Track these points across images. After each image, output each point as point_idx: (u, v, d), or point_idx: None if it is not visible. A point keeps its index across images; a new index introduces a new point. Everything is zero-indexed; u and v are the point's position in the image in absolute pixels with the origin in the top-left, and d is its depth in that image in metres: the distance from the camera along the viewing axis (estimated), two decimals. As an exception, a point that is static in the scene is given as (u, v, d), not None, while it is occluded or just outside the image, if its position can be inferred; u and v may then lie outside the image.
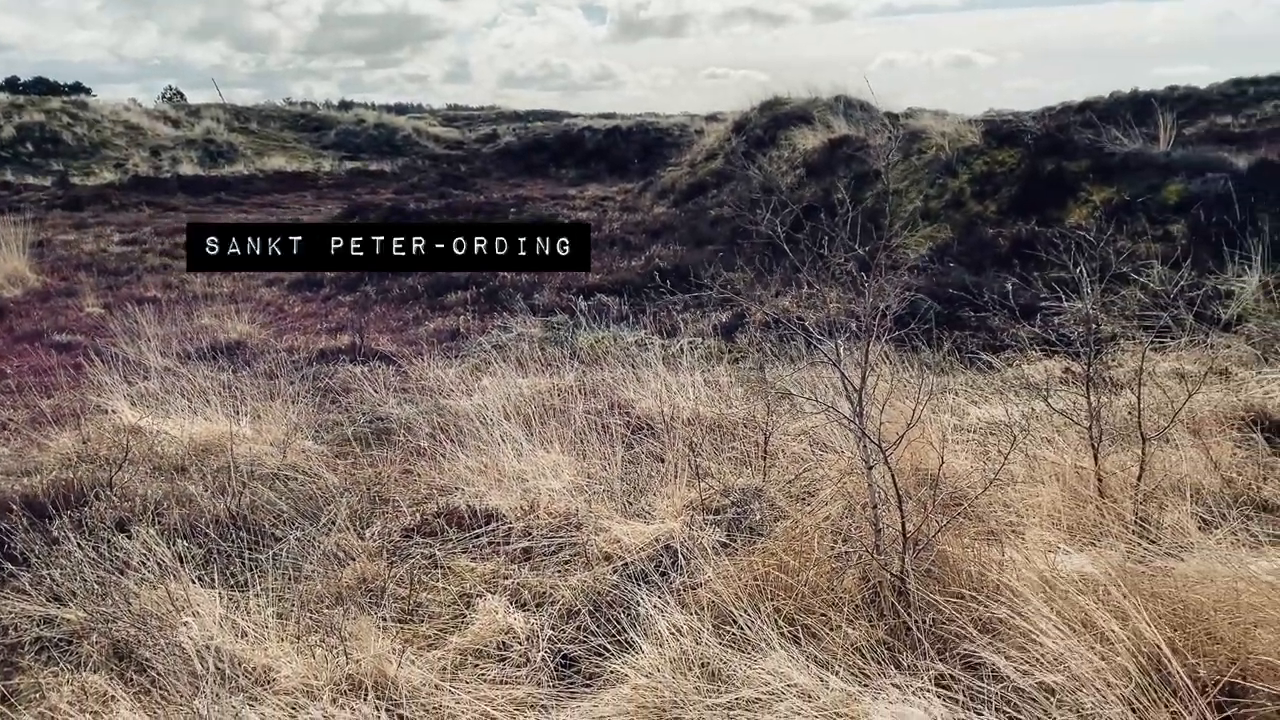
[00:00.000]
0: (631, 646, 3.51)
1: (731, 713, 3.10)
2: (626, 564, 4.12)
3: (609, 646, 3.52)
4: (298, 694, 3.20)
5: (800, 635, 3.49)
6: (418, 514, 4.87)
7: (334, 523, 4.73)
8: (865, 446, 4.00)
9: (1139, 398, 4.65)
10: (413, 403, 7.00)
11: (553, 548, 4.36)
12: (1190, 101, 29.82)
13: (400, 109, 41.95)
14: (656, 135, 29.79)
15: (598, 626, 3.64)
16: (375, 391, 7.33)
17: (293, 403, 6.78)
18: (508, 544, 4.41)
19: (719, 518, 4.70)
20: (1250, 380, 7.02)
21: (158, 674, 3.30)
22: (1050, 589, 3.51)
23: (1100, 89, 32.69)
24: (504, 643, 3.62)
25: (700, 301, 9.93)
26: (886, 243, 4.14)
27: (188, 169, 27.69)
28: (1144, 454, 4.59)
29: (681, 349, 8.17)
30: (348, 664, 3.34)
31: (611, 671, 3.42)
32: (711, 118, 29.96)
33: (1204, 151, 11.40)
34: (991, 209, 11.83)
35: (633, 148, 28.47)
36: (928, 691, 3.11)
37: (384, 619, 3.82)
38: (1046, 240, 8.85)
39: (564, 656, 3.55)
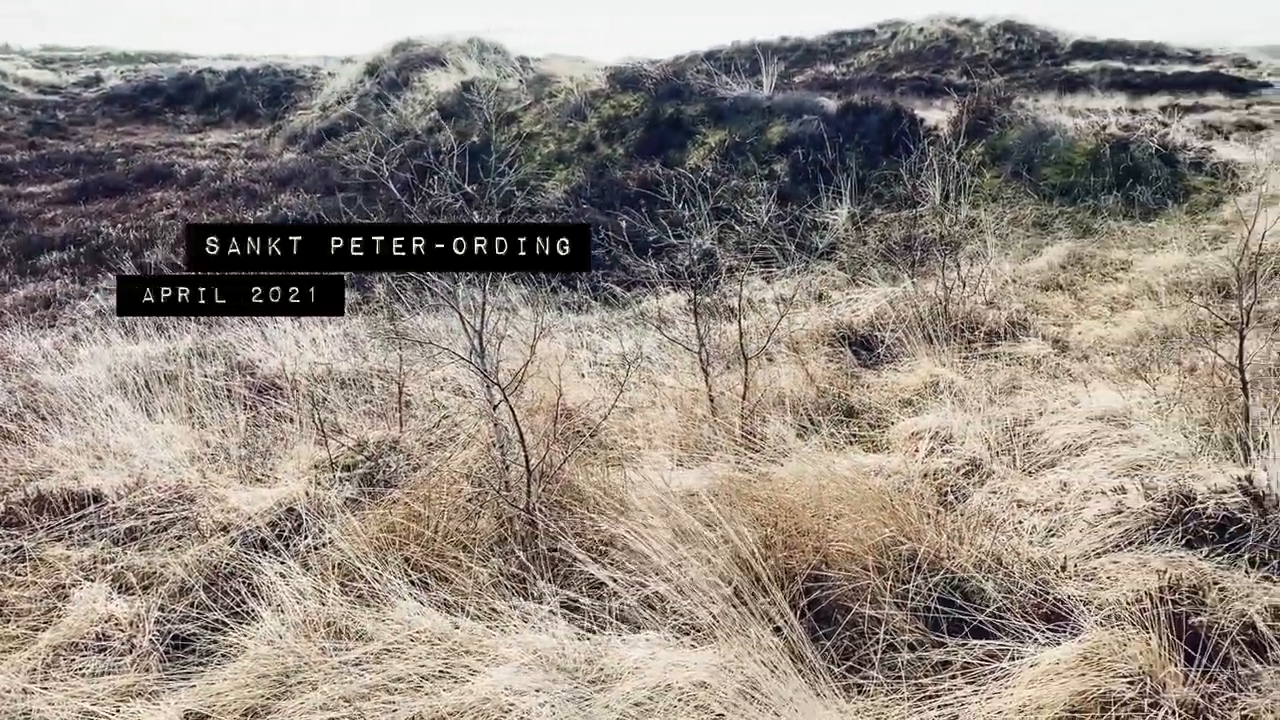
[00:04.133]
0: (252, 617, 3.33)
1: (359, 668, 3.04)
2: (245, 532, 3.90)
3: (226, 621, 3.33)
4: None
5: (431, 581, 3.49)
6: (1, 504, 4.31)
7: (-110, 527, 4.08)
8: (488, 387, 4.04)
9: (739, 322, 5.05)
10: (-5, 381, 6.18)
11: (162, 524, 4.04)
12: (800, 51, 32.70)
13: (-22, 49, 36.15)
14: (287, 78, 27.97)
15: (214, 601, 3.42)
16: (-52, 372, 6.39)
17: None
18: (109, 526, 4.02)
19: (351, 474, 4.57)
20: (842, 301, 7.87)
21: None
22: (665, 505, 3.73)
23: (724, 38, 34.88)
24: (104, 632, 3.31)
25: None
26: (495, 184, 4.17)
27: None
28: (747, 373, 5.01)
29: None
30: (-96, 685, 2.90)
31: (229, 645, 3.23)
32: (347, 60, 28.60)
33: (800, 95, 12.51)
34: (620, 151, 12.29)
35: (260, 91, 26.57)
36: (554, 615, 3.23)
37: (-44, 627, 3.37)
38: (669, 180, 9.35)
39: (175, 638, 3.30)
